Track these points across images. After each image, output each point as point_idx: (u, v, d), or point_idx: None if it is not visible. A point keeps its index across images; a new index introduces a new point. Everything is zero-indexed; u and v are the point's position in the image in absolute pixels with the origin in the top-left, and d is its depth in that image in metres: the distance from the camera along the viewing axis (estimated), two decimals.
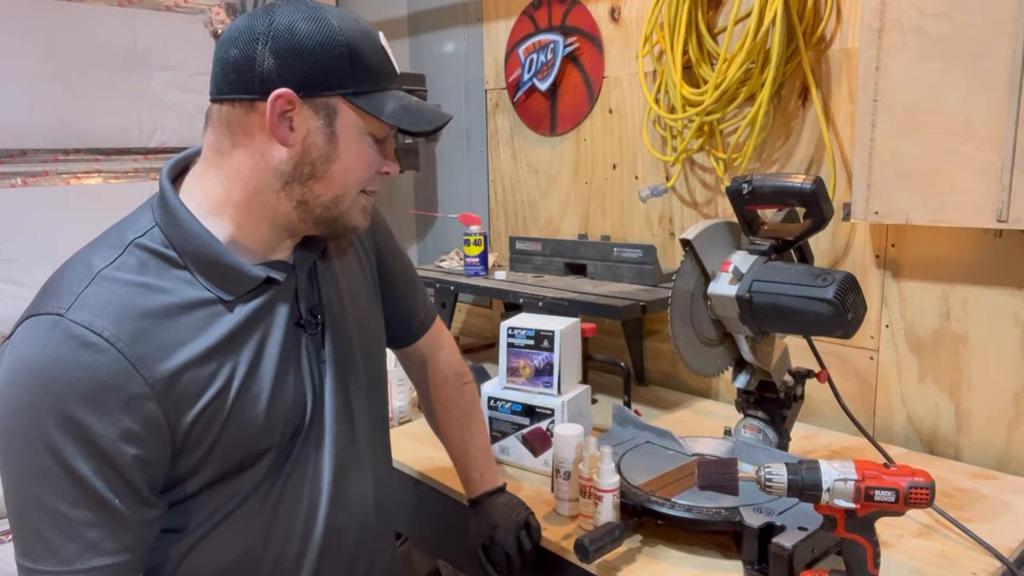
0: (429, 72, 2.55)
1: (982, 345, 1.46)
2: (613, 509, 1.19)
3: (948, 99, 1.34)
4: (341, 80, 0.88)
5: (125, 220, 0.92)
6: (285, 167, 0.89)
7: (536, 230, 2.32)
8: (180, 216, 0.88)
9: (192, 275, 0.88)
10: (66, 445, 0.77)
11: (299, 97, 0.86)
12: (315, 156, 0.89)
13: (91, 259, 0.85)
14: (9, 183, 2.15)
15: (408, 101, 0.93)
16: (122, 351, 0.79)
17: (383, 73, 0.92)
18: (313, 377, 0.98)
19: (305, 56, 0.86)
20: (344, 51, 0.87)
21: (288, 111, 0.87)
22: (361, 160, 0.92)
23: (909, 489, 0.94)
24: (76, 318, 0.79)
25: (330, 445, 0.99)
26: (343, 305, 1.04)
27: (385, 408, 1.17)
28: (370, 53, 0.90)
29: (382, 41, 0.93)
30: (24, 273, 2.10)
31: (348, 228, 0.96)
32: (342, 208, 0.93)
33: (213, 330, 0.87)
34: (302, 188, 0.90)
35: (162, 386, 0.82)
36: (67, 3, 2.19)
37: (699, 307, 1.31)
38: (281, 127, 0.87)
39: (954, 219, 1.37)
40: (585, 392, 1.52)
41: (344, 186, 0.92)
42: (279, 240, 0.94)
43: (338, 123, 0.89)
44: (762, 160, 1.73)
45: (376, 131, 0.92)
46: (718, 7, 1.74)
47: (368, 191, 0.96)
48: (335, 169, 0.90)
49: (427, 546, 1.90)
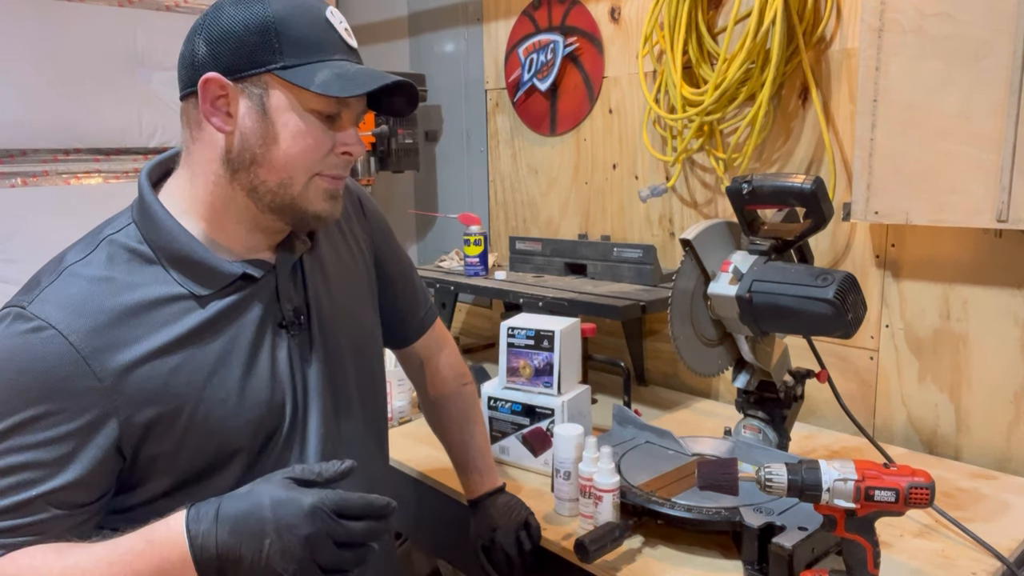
0: (429, 72, 2.55)
1: (982, 345, 1.46)
2: (613, 509, 1.19)
3: (948, 99, 1.34)
4: (269, 56, 0.85)
5: (107, 220, 0.94)
6: (229, 155, 0.89)
7: (536, 230, 2.32)
8: (154, 213, 0.90)
9: (165, 271, 0.88)
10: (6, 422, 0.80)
11: (231, 80, 0.86)
12: (252, 140, 0.87)
13: (64, 256, 0.89)
14: (9, 183, 2.15)
15: (345, 68, 0.87)
16: (73, 343, 0.81)
17: (320, 44, 0.87)
18: (295, 378, 0.97)
19: (231, 38, 0.86)
20: (271, 26, 0.85)
21: (221, 96, 0.87)
22: (302, 140, 0.87)
23: (909, 489, 0.94)
24: (34, 310, 0.82)
25: (316, 447, 0.98)
26: (334, 305, 1.03)
27: (382, 409, 1.17)
28: (305, 25, 0.86)
29: (327, 13, 0.89)
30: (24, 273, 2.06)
31: (310, 215, 0.91)
32: (293, 193, 0.89)
33: (179, 325, 0.87)
34: (248, 175, 0.88)
35: (113, 380, 0.82)
36: (67, 3, 2.19)
37: (699, 307, 1.31)
38: (217, 113, 0.87)
39: (954, 219, 1.37)
40: (585, 392, 1.52)
41: (287, 169, 0.88)
42: (253, 237, 0.93)
43: (270, 102, 0.87)
44: (762, 160, 1.73)
45: (320, 107, 0.87)
46: (718, 7, 1.74)
47: (327, 174, 0.91)
48: (275, 152, 0.87)
49: (427, 546, 1.90)
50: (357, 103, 0.91)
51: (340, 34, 0.89)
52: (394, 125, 2.43)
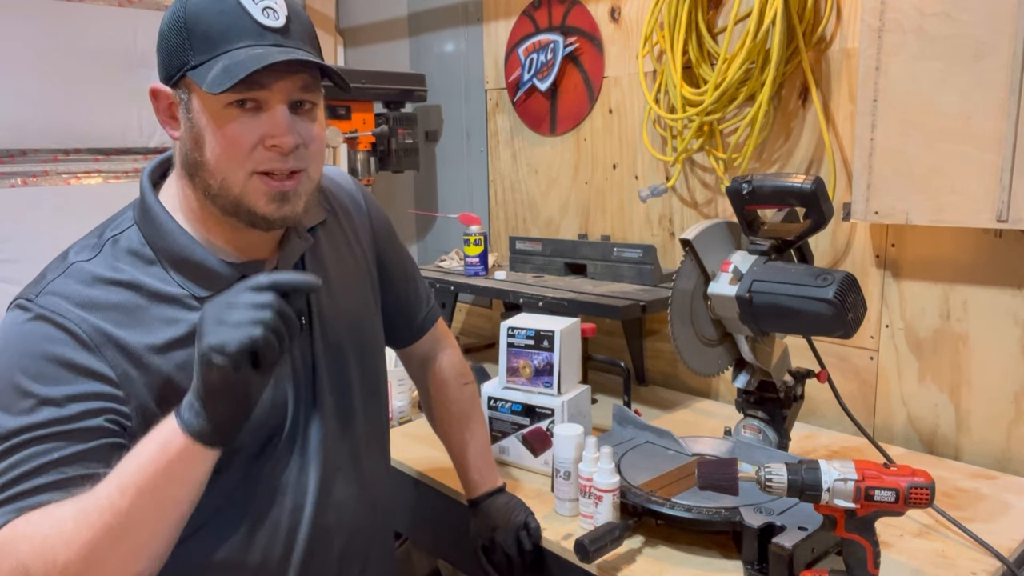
0: (429, 72, 2.55)
1: (982, 345, 1.46)
2: (613, 509, 1.19)
3: (948, 99, 1.34)
4: (183, 57, 0.83)
5: (108, 219, 0.94)
6: (184, 161, 0.89)
7: (536, 230, 2.32)
8: (156, 215, 0.90)
9: (166, 272, 0.89)
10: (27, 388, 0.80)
11: (170, 87, 0.86)
12: (189, 145, 0.86)
13: (68, 254, 0.89)
14: (9, 183, 2.15)
15: (238, 57, 0.81)
16: (83, 331, 0.82)
17: (225, 34, 0.82)
18: (297, 378, 0.97)
19: (162, 43, 0.86)
20: (182, 25, 0.83)
21: (168, 104, 0.87)
22: (222, 139, 0.84)
23: (909, 489, 0.94)
24: (41, 303, 0.83)
25: (317, 446, 0.98)
26: (336, 305, 1.03)
27: (384, 408, 1.17)
28: (211, 16, 0.82)
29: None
30: (24, 273, 2.06)
31: (258, 217, 0.88)
32: (234, 194, 0.86)
33: (179, 324, 0.87)
34: (198, 180, 0.88)
35: (123, 370, 0.83)
36: (67, 3, 2.19)
37: (699, 307, 1.31)
38: (169, 121, 0.88)
39: (954, 219, 1.37)
40: (585, 392, 1.52)
41: (219, 170, 0.85)
42: (243, 236, 0.93)
43: (192, 104, 0.85)
44: (762, 160, 1.73)
45: (225, 101, 0.83)
46: (718, 7, 1.74)
47: (260, 171, 0.85)
48: (206, 155, 0.85)
49: (427, 546, 1.89)
50: (280, 85, 0.84)
51: (254, 16, 0.83)
52: (394, 125, 2.43)
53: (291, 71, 0.84)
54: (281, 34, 0.85)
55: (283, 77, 0.84)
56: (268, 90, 0.84)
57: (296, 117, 0.87)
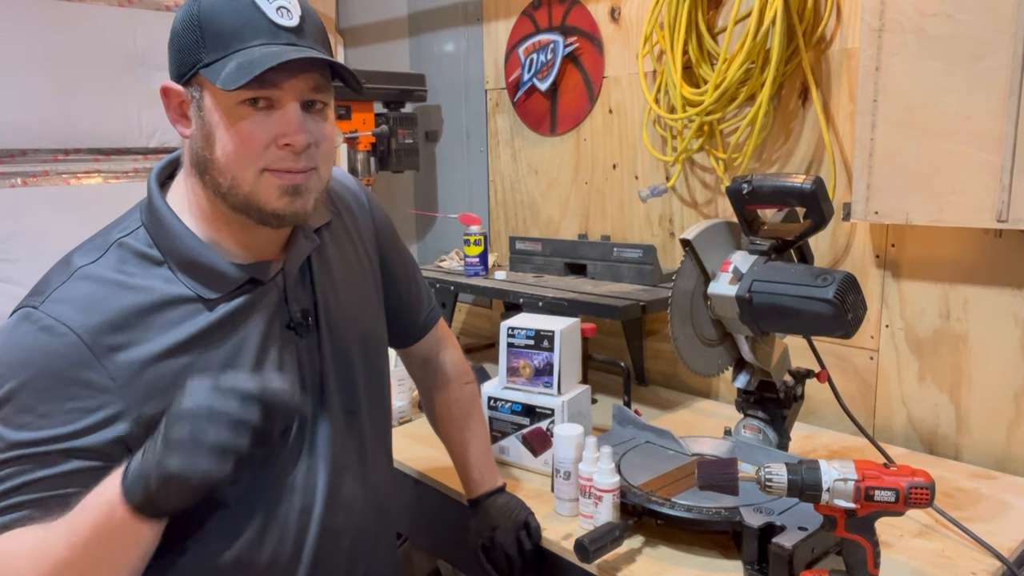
0: (429, 72, 2.55)
1: (982, 345, 1.46)
2: (613, 509, 1.19)
3: (948, 99, 1.34)
4: (196, 55, 0.84)
5: (115, 221, 0.94)
6: (194, 160, 0.88)
7: (536, 230, 2.32)
8: (163, 216, 0.90)
9: (173, 274, 0.88)
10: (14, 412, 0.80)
11: (181, 85, 0.86)
12: (200, 143, 0.86)
13: (73, 258, 0.89)
14: (9, 183, 2.15)
15: (253, 55, 0.81)
16: (85, 342, 0.82)
17: (239, 32, 0.82)
18: (305, 379, 0.97)
19: (174, 41, 0.86)
20: (196, 22, 0.83)
21: (179, 102, 0.87)
22: (235, 137, 0.84)
23: (909, 489, 0.94)
24: (46, 310, 0.83)
25: (326, 447, 0.98)
26: (341, 306, 1.03)
27: (387, 409, 1.17)
28: (226, 14, 0.82)
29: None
30: (24, 273, 2.10)
31: (268, 214, 0.87)
32: (244, 192, 0.86)
33: (186, 327, 0.87)
34: (208, 178, 0.87)
35: (124, 379, 0.83)
36: (67, 3, 2.19)
37: (699, 307, 1.31)
38: (180, 120, 0.88)
39: (954, 219, 1.37)
40: (585, 392, 1.52)
41: (230, 168, 0.85)
42: (251, 236, 0.92)
43: (204, 103, 0.85)
44: (762, 160, 1.73)
45: (239, 99, 0.83)
46: (718, 7, 1.74)
47: (274, 169, 0.86)
48: (217, 153, 0.85)
49: (427, 546, 1.90)
50: (292, 83, 0.84)
51: (268, 15, 0.83)
52: (394, 125, 2.43)
53: (304, 70, 0.84)
54: (295, 33, 0.85)
55: (296, 76, 0.84)
56: (281, 89, 0.84)
57: (308, 116, 0.87)
